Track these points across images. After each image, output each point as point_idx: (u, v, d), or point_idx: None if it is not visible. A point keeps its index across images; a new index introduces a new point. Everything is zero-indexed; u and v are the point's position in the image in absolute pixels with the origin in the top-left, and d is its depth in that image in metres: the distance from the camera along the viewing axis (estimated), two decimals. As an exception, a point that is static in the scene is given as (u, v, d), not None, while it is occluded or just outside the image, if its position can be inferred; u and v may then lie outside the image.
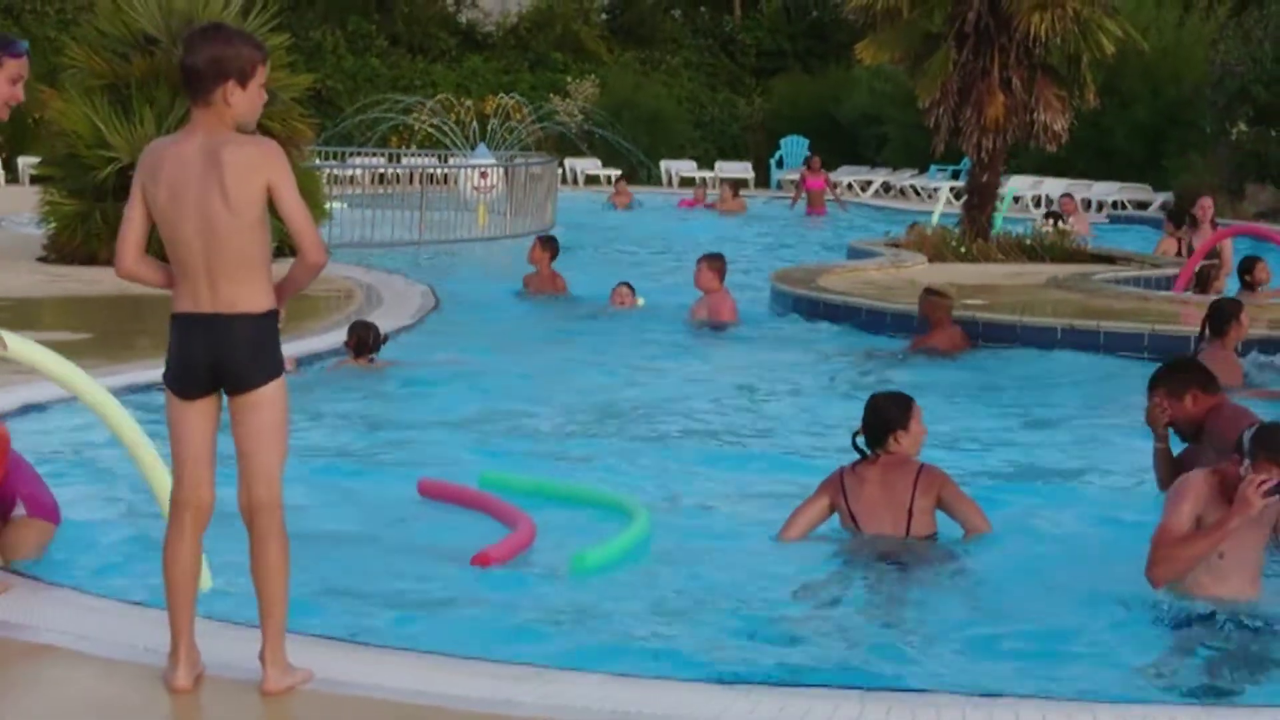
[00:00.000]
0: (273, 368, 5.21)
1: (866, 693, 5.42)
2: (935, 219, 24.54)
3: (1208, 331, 11.40)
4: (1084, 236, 22.42)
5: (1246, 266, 16.53)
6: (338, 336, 13.06)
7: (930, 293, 14.20)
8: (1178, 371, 8.17)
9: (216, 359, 5.15)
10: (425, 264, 21.37)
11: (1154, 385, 8.05)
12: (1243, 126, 31.86)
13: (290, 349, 12.27)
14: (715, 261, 15.60)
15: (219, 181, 5.07)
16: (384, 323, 14.21)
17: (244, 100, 5.16)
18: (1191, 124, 33.41)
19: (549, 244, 17.66)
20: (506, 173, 28.25)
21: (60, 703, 5.23)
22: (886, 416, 7.61)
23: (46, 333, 13.45)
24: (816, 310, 15.98)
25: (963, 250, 20.64)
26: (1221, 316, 11.43)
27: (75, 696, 5.28)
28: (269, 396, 5.19)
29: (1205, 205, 18.51)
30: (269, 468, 5.21)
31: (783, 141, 42.88)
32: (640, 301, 16.32)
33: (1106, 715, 5.27)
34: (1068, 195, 28.70)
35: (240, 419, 5.21)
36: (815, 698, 5.34)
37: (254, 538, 5.24)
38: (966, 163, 22.83)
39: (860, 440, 7.65)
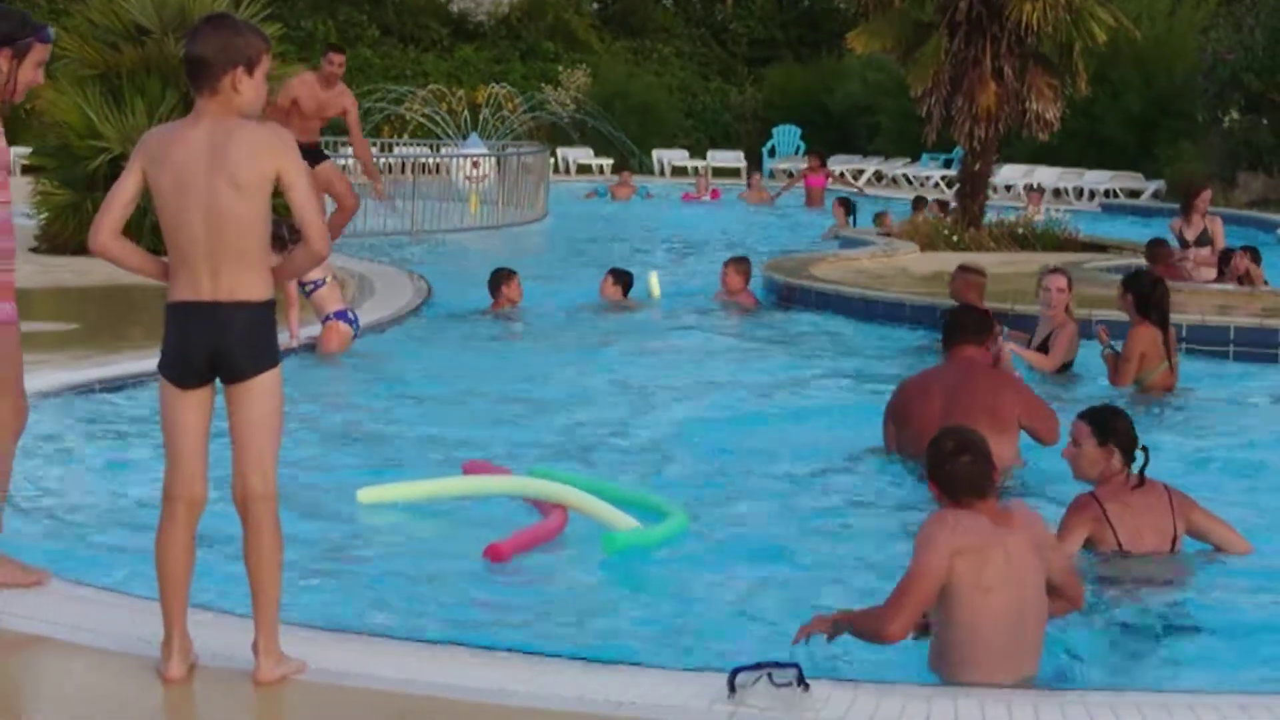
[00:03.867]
0: (270, 357, 5.21)
1: (859, 684, 5.43)
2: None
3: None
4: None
5: (1225, 258, 16.69)
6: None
7: (965, 270, 13.18)
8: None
9: (215, 347, 5.15)
10: (417, 253, 21.34)
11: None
12: (1235, 115, 31.84)
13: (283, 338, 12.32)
14: (741, 265, 16.23)
15: (228, 165, 5.09)
16: (377, 313, 14.24)
17: (251, 88, 5.20)
18: (1183, 113, 33.40)
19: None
20: (498, 162, 28.23)
21: (53, 693, 5.23)
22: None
23: (39, 323, 13.43)
24: (809, 299, 15.99)
25: (955, 239, 20.64)
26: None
27: (68, 687, 5.28)
28: (265, 386, 5.19)
29: (1206, 197, 18.47)
30: (264, 457, 5.21)
31: (775, 131, 42.86)
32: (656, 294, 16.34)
33: (1097, 702, 5.29)
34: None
35: (236, 408, 5.21)
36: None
37: (248, 527, 5.24)
38: (958, 151, 22.84)
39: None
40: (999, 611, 5.56)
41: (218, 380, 5.23)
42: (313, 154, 15.16)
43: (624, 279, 16.15)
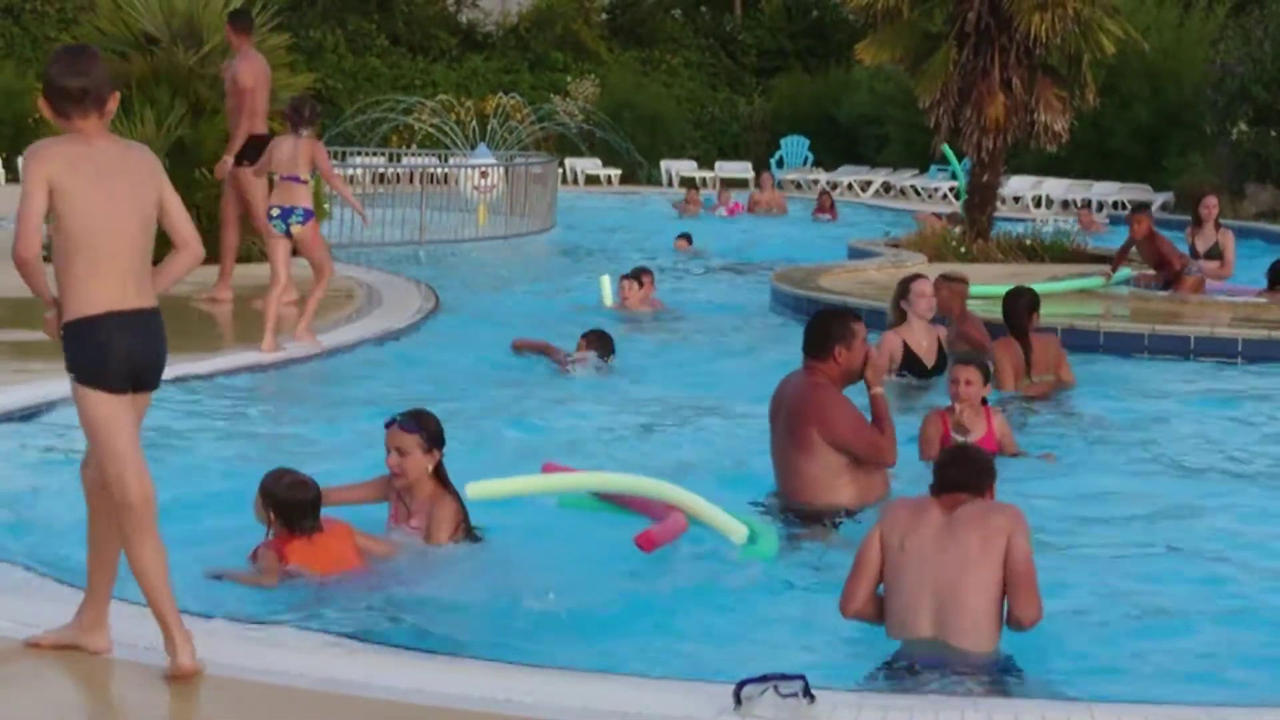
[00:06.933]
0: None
1: (865, 695, 5.42)
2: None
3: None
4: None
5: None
6: (339, 336, 13.13)
7: (946, 279, 13.03)
8: None
9: (145, 354, 5.37)
10: (426, 263, 21.36)
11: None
12: (1243, 127, 31.81)
13: (294, 349, 12.37)
14: (648, 276, 16.34)
15: (144, 180, 5.40)
16: (384, 323, 14.26)
17: None
18: (1192, 124, 33.39)
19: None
20: (507, 172, 28.26)
21: (58, 701, 5.23)
22: None
23: (42, 333, 13.45)
24: (816, 310, 15.96)
25: (962, 250, 20.63)
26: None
27: (73, 695, 5.28)
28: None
29: (1210, 204, 18.36)
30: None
31: (783, 141, 42.88)
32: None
33: (1104, 715, 5.28)
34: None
35: (137, 415, 5.45)
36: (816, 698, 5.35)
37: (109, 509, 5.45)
38: (966, 163, 22.83)
39: None
40: (915, 570, 5.90)
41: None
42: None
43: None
